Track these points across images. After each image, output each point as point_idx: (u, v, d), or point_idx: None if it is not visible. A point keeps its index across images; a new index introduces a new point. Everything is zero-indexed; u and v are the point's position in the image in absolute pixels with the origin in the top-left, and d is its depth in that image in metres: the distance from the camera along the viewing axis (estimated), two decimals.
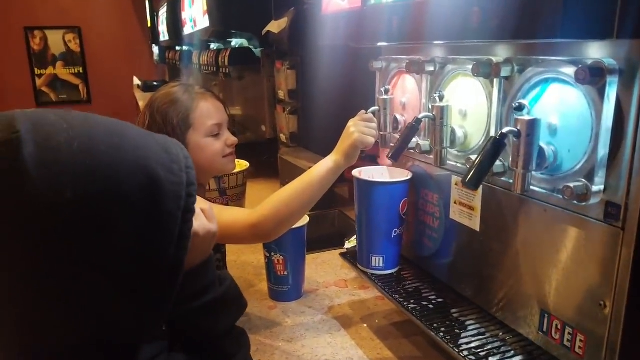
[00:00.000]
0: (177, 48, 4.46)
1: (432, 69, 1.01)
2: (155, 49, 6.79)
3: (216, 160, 1.16)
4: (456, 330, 0.99)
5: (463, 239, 1.08)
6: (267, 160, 2.59)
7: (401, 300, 1.11)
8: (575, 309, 0.81)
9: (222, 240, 1.18)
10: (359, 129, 1.03)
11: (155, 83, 7.17)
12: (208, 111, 1.14)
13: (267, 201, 1.03)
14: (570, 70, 0.73)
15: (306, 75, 2.16)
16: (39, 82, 7.63)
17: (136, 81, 7.65)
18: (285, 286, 1.38)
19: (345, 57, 1.66)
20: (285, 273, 1.36)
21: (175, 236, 0.51)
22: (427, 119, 1.01)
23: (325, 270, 1.59)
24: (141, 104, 6.16)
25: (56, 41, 7.57)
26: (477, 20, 0.69)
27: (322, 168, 1.03)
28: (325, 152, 1.08)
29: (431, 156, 1.04)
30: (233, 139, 1.19)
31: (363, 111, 1.08)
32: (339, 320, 1.30)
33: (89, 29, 7.68)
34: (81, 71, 7.83)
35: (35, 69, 7.60)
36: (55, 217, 0.46)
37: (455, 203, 1.07)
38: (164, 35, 4.84)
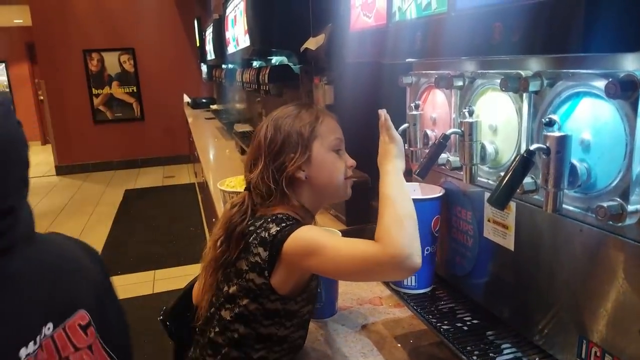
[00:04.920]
0: (223, 66, 4.58)
1: (460, 83, 0.99)
2: (204, 68, 7.02)
3: (337, 179, 1.12)
4: (490, 354, 0.95)
5: (498, 258, 1.04)
6: None
7: (434, 320, 1.08)
8: (615, 336, 0.76)
9: (349, 277, 1.18)
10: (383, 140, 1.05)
11: (204, 100, 7.43)
12: (333, 126, 1.15)
13: (391, 231, 0.92)
14: (601, 84, 0.69)
15: (343, 91, 2.16)
16: (96, 101, 8.04)
17: (186, 99, 7.94)
18: (318, 303, 1.37)
19: (380, 72, 1.65)
20: (318, 290, 1.35)
21: None
22: (456, 135, 0.99)
23: (361, 286, 1.57)
24: (190, 120, 6.36)
25: (112, 62, 7.98)
26: (499, 36, 0.67)
27: (391, 175, 1.00)
28: (363, 166, 1.06)
29: (462, 172, 1.01)
30: (352, 161, 1.16)
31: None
32: (372, 339, 1.27)
33: (142, 49, 8.05)
34: (135, 90, 8.21)
35: (93, 89, 8.02)
36: None
37: (488, 221, 1.04)
38: (210, 54, 4.99)
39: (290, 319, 1.08)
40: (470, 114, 0.97)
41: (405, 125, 1.14)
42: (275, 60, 3.01)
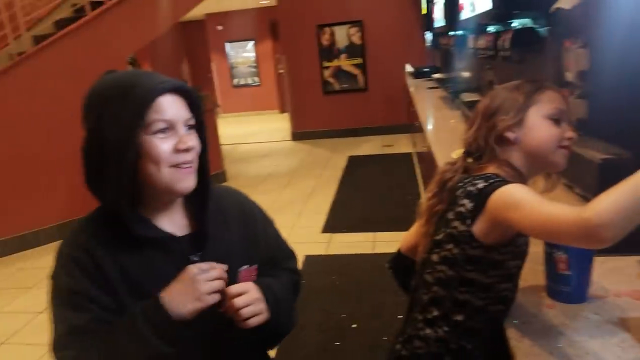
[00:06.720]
0: (450, 33, 4.47)
1: None
2: (428, 35, 6.95)
3: (549, 145, 1.14)
4: None
5: None
6: None
7: None
8: None
9: (541, 236, 1.08)
10: None
11: (426, 69, 7.39)
12: (555, 97, 1.18)
13: (601, 200, 0.83)
14: None
15: (602, 56, 1.91)
16: (325, 73, 8.68)
17: (408, 68, 8.01)
18: (567, 286, 1.27)
19: None
20: (568, 272, 1.25)
21: None
22: None
23: (616, 277, 1.40)
24: (412, 90, 6.41)
25: (341, 35, 8.48)
26: None
27: None
28: (623, 143, 0.94)
29: None
30: (572, 133, 1.16)
31: None
32: (633, 335, 1.14)
33: (369, 22, 8.35)
34: (361, 62, 8.60)
35: (323, 62, 8.67)
36: None
37: None
38: (438, 22, 4.91)
39: (495, 268, 1.13)
40: None
41: None
42: (516, 23, 2.80)
